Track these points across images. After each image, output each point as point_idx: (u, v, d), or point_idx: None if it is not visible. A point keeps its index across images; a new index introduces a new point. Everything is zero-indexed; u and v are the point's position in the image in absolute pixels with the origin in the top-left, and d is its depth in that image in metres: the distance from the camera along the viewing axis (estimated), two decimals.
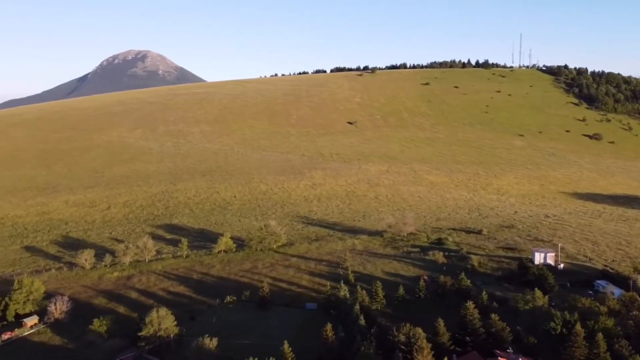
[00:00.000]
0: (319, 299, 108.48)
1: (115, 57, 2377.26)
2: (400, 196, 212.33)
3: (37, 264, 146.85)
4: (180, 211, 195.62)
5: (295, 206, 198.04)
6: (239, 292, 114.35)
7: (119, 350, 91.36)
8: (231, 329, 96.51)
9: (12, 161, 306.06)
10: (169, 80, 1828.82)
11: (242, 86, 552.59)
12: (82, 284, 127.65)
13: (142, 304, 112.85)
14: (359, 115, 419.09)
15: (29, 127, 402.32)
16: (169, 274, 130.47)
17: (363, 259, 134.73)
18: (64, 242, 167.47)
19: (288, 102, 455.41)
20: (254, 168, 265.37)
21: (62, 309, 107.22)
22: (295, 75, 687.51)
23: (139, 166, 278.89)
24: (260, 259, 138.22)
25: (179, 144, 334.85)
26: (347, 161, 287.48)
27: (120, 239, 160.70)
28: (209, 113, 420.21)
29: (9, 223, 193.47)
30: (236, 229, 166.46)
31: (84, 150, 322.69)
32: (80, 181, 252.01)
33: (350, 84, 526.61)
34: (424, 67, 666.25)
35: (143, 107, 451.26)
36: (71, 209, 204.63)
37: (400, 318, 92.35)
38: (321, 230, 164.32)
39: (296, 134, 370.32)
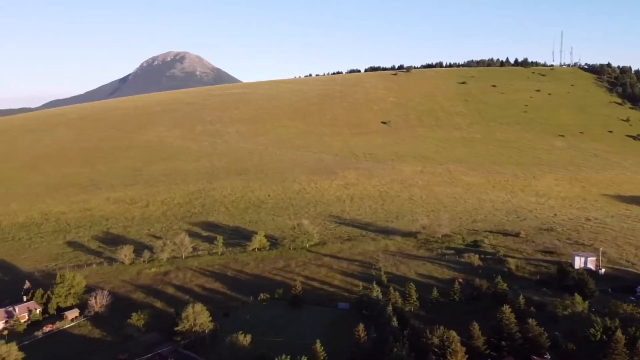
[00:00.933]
0: (351, 299, 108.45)
1: (154, 58, 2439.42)
2: (435, 197, 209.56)
3: (79, 259, 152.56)
4: (216, 209, 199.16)
5: (328, 206, 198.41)
6: (272, 290, 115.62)
7: (156, 344, 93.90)
8: (264, 326, 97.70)
9: (56, 159, 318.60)
10: (206, 81, 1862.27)
11: (276, 86, 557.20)
12: (121, 278, 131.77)
13: (179, 299, 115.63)
14: (393, 115, 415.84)
15: (73, 127, 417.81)
16: (205, 271, 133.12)
17: (396, 260, 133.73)
18: (105, 237, 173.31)
19: (322, 102, 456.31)
20: (287, 167, 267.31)
21: (102, 302, 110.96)
22: (329, 75, 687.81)
23: (177, 165, 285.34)
24: (293, 257, 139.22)
25: (215, 143, 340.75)
26: (380, 161, 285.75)
27: (158, 236, 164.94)
28: (244, 113, 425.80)
29: (53, 219, 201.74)
30: (270, 228, 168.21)
31: (124, 149, 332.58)
32: (121, 179, 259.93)
33: (384, 84, 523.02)
34: (461, 65, 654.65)
35: (181, 107, 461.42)
36: (112, 206, 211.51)
37: (433, 321, 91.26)
38: (354, 231, 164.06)
39: (329, 133, 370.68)
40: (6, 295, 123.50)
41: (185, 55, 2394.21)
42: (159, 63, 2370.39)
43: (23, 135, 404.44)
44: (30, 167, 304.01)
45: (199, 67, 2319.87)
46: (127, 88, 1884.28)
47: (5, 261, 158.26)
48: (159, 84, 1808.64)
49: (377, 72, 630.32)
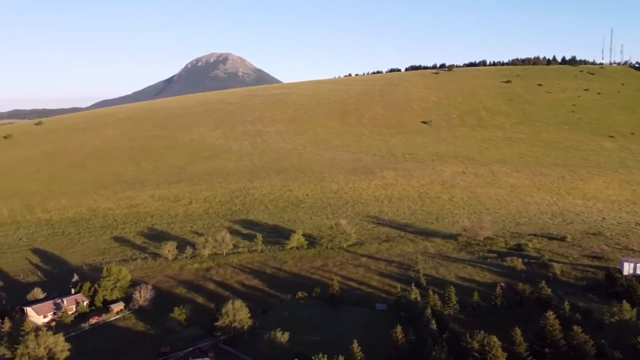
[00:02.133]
0: (389, 300, 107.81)
1: (198, 59, 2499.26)
2: (477, 199, 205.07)
3: (125, 254, 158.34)
4: (255, 207, 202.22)
5: (366, 206, 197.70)
6: (310, 288, 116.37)
7: (197, 339, 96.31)
8: (302, 324, 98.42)
9: (104, 157, 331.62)
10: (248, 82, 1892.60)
11: (316, 87, 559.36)
12: (164, 273, 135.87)
13: (219, 295, 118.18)
14: (434, 115, 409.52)
15: (120, 126, 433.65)
16: (244, 268, 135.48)
17: (435, 262, 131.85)
18: (149, 233, 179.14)
19: (361, 101, 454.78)
20: (325, 167, 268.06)
21: (146, 296, 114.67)
22: (369, 75, 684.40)
23: (219, 164, 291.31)
24: (330, 257, 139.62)
25: (256, 143, 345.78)
26: (420, 161, 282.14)
27: (200, 233, 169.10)
28: (284, 113, 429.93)
29: (100, 215, 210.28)
30: (308, 227, 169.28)
31: (169, 148, 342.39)
32: (165, 177, 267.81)
33: (425, 83, 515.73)
34: (505, 64, 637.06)
35: (223, 107, 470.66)
36: (156, 203, 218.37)
37: (474, 325, 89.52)
38: (392, 231, 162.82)
39: (368, 133, 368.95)
40: (55, 288, 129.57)
41: (228, 57, 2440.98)
42: (203, 64, 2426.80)
43: (73, 134, 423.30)
44: (79, 165, 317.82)
45: (241, 68, 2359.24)
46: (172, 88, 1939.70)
47: (55, 255, 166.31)
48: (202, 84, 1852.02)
49: (418, 71, 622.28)
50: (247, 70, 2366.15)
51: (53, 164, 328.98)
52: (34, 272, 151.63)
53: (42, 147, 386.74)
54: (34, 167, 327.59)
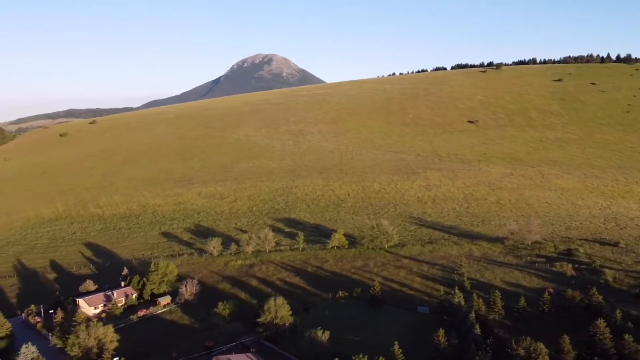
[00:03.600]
0: (432, 303, 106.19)
1: (244, 60, 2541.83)
2: (525, 201, 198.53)
3: (172, 249, 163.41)
4: (297, 206, 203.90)
5: (408, 207, 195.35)
6: (351, 288, 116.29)
7: (239, 334, 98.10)
8: (342, 323, 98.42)
9: (154, 156, 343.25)
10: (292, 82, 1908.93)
11: (359, 86, 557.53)
12: (209, 269, 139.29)
13: (261, 291, 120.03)
14: (480, 114, 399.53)
15: (170, 125, 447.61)
16: (286, 265, 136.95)
17: (480, 266, 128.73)
18: (196, 230, 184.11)
19: (404, 100, 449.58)
20: (367, 167, 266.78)
21: (191, 291, 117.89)
22: (413, 74, 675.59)
23: (263, 163, 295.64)
24: (371, 257, 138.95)
25: (298, 142, 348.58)
26: (465, 162, 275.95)
27: (244, 230, 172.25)
28: (327, 113, 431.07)
29: (150, 211, 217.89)
30: (349, 226, 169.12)
31: (215, 147, 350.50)
32: (212, 175, 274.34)
33: (472, 81, 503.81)
34: (557, 62, 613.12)
35: (268, 107, 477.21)
36: (203, 200, 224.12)
37: (519, 331, 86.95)
38: (435, 233, 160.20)
39: (412, 133, 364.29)
40: (106, 280, 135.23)
41: (272, 58, 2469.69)
42: (248, 65, 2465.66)
43: (125, 133, 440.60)
44: (131, 163, 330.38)
45: (285, 69, 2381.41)
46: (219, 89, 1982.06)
47: (107, 248, 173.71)
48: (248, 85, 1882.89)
49: (464, 70, 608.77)
50: (291, 70, 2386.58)
51: (106, 162, 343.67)
52: (86, 265, 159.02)
53: (95, 145, 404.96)
54: (88, 164, 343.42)
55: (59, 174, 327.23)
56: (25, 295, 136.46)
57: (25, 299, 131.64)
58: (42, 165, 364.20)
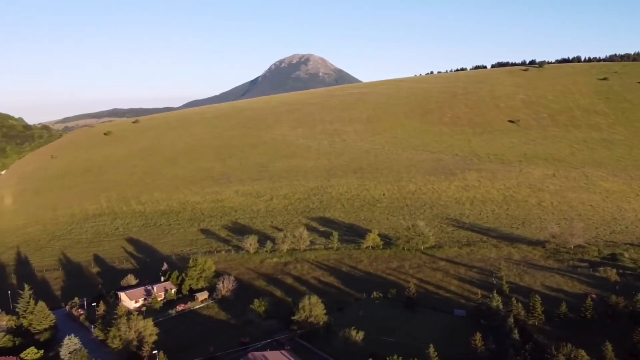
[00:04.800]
0: (469, 306, 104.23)
1: (281, 61, 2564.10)
2: (567, 204, 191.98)
3: (210, 245, 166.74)
4: (332, 206, 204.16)
5: (446, 208, 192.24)
6: (385, 289, 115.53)
7: (274, 331, 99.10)
8: (377, 324, 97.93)
9: (193, 154, 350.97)
10: (328, 82, 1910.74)
11: (395, 85, 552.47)
12: (246, 266, 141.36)
13: (296, 289, 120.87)
14: (522, 114, 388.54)
15: (208, 125, 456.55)
16: (321, 264, 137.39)
17: (520, 269, 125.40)
18: (233, 227, 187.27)
19: (442, 99, 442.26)
20: (403, 167, 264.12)
21: (228, 287, 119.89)
22: (452, 73, 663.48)
23: (299, 162, 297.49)
24: (407, 258, 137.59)
25: (334, 142, 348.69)
26: (505, 163, 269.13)
27: (280, 228, 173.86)
28: (362, 112, 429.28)
29: (189, 208, 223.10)
30: (384, 227, 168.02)
31: (252, 146, 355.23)
32: (249, 174, 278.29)
33: (513, 80, 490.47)
34: (602, 60, 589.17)
35: (303, 107, 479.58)
36: (240, 198, 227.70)
37: (560, 337, 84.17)
38: (473, 235, 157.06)
39: (449, 132, 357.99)
40: (147, 275, 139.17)
41: (309, 58, 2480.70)
42: (286, 65, 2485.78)
43: (166, 133, 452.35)
44: (171, 161, 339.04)
45: (322, 69, 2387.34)
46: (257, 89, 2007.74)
47: (147, 244, 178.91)
48: (284, 85, 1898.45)
49: (505, 68, 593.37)
50: (327, 70, 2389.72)
51: (148, 160, 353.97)
52: (127, 260, 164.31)
53: (138, 144, 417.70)
54: (130, 162, 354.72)
55: (103, 172, 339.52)
56: (69, 288, 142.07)
57: (69, 292, 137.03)
58: (87, 163, 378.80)
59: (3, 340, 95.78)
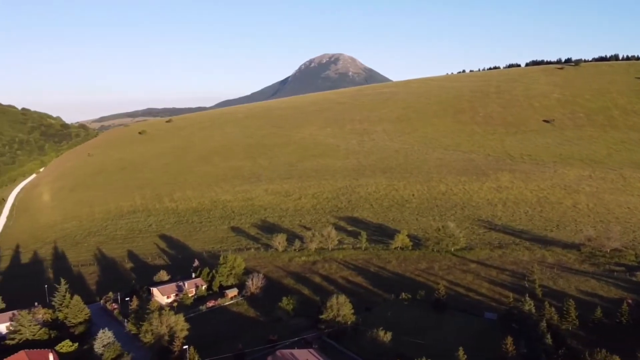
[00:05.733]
0: (500, 310, 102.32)
1: (311, 61, 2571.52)
2: (604, 206, 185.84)
3: (240, 243, 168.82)
4: (360, 205, 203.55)
5: (477, 209, 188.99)
6: (414, 290, 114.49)
7: (302, 330, 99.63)
8: (405, 325, 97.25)
9: (225, 153, 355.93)
10: (358, 81, 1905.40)
11: (426, 84, 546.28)
12: (274, 264, 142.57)
13: (324, 288, 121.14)
14: (557, 113, 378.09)
15: (239, 125, 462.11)
16: (349, 264, 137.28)
17: (554, 273, 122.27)
18: (262, 225, 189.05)
19: (474, 98, 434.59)
20: (433, 167, 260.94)
21: (257, 285, 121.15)
22: (485, 71, 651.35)
23: (327, 161, 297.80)
24: (436, 260, 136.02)
25: (363, 141, 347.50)
26: (540, 163, 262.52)
27: (308, 227, 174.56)
28: (392, 112, 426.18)
29: (220, 206, 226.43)
30: (413, 228, 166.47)
31: (282, 145, 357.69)
32: (278, 173, 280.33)
33: (548, 79, 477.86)
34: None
35: (333, 107, 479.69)
36: (269, 197, 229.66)
37: (594, 343, 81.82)
38: (505, 237, 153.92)
39: (481, 132, 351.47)
40: (178, 271, 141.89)
41: (339, 57, 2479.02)
42: (315, 65, 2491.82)
43: (198, 132, 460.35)
44: (203, 160, 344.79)
45: (352, 68, 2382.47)
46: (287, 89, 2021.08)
47: (180, 241, 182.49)
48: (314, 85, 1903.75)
49: (540, 67, 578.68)
50: (357, 69, 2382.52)
51: (180, 158, 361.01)
52: (160, 256, 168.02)
53: (171, 143, 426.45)
54: (164, 160, 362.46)
55: (137, 170, 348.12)
56: (104, 283, 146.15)
57: (103, 286, 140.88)
58: (122, 161, 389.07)
59: (39, 333, 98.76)
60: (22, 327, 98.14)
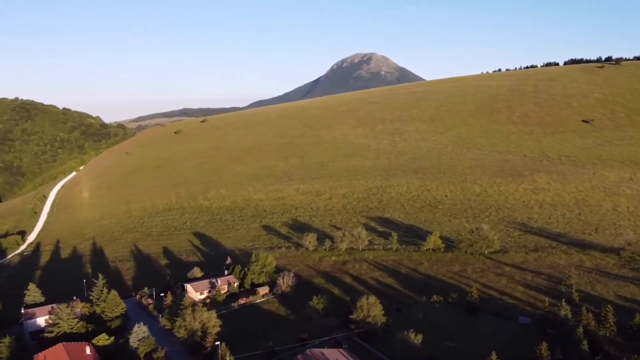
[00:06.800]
0: (535, 314, 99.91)
1: (343, 60, 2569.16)
2: None
3: (271, 242, 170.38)
4: (392, 206, 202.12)
5: (512, 211, 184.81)
6: (446, 293, 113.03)
7: (332, 329, 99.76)
8: (436, 328, 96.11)
9: (257, 153, 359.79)
10: (390, 81, 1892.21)
11: (460, 83, 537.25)
12: (305, 263, 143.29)
13: (354, 289, 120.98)
14: (597, 113, 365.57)
15: (272, 125, 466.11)
16: (379, 265, 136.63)
17: (592, 277, 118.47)
18: (293, 224, 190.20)
19: (510, 98, 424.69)
20: (467, 168, 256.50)
21: (288, 283, 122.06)
22: (521, 70, 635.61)
23: (358, 161, 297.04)
24: (469, 262, 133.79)
25: (394, 141, 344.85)
26: (578, 164, 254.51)
27: (338, 227, 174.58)
28: (425, 111, 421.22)
29: (252, 205, 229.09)
30: (445, 229, 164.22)
31: (313, 145, 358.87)
32: (309, 172, 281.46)
33: (587, 77, 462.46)
34: None
35: (364, 106, 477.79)
36: (300, 197, 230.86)
37: (632, 349, 79.01)
38: (541, 240, 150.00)
39: (518, 132, 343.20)
40: (211, 268, 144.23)
41: (372, 57, 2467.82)
42: (347, 65, 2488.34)
43: (232, 132, 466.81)
44: (236, 159, 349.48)
45: (384, 67, 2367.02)
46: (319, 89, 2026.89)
47: (213, 238, 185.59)
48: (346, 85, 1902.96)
49: (579, 65, 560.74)
50: (389, 69, 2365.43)
51: (214, 158, 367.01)
52: (194, 253, 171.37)
53: (206, 142, 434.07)
54: (198, 159, 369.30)
55: (173, 168, 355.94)
56: (140, 278, 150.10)
57: (139, 282, 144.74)
58: (159, 160, 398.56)
59: (77, 327, 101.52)
60: (61, 321, 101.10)
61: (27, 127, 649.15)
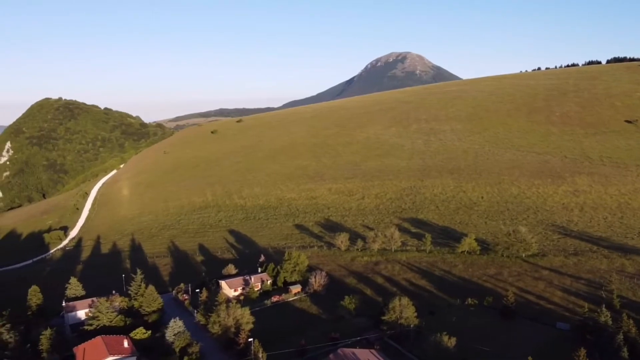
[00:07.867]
0: (573, 320, 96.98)
1: (378, 60, 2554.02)
2: None
3: (304, 241, 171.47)
4: (425, 207, 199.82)
5: (551, 214, 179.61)
6: (481, 296, 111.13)
7: (364, 329, 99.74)
8: (470, 332, 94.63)
9: (291, 152, 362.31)
10: (425, 80, 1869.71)
11: (498, 82, 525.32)
12: (337, 263, 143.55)
13: (386, 290, 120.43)
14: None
15: (305, 124, 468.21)
16: (412, 266, 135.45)
17: (634, 283, 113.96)
18: (325, 224, 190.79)
19: (550, 97, 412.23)
20: (505, 169, 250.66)
21: (320, 282, 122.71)
22: (562, 69, 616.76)
23: (391, 161, 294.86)
24: (506, 266, 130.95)
25: (429, 141, 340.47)
26: (621, 166, 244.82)
27: (371, 227, 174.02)
28: (461, 111, 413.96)
29: (285, 204, 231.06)
30: (481, 231, 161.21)
31: (346, 145, 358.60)
32: (342, 172, 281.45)
33: (631, 76, 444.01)
34: None
35: (398, 106, 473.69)
36: (333, 196, 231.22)
37: None
38: (581, 244, 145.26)
39: (558, 132, 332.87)
40: (245, 266, 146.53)
41: (406, 56, 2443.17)
42: (382, 64, 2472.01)
43: (266, 131, 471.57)
44: (270, 159, 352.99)
45: (419, 66, 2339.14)
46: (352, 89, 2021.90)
47: (247, 236, 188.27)
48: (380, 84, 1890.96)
49: (623, 64, 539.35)
50: (425, 68, 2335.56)
51: (249, 157, 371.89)
52: (229, 250, 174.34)
53: (241, 142, 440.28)
54: (234, 159, 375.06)
55: (209, 167, 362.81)
56: (176, 274, 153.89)
57: (175, 278, 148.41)
58: (195, 159, 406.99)
59: (115, 320, 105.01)
60: (100, 314, 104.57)
61: (70, 126, 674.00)
